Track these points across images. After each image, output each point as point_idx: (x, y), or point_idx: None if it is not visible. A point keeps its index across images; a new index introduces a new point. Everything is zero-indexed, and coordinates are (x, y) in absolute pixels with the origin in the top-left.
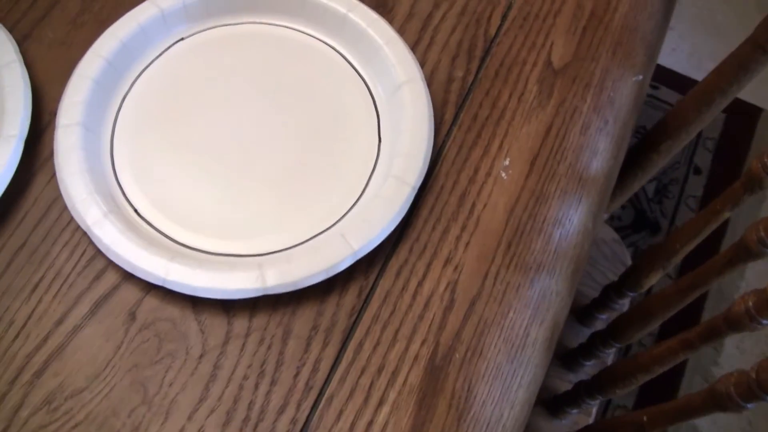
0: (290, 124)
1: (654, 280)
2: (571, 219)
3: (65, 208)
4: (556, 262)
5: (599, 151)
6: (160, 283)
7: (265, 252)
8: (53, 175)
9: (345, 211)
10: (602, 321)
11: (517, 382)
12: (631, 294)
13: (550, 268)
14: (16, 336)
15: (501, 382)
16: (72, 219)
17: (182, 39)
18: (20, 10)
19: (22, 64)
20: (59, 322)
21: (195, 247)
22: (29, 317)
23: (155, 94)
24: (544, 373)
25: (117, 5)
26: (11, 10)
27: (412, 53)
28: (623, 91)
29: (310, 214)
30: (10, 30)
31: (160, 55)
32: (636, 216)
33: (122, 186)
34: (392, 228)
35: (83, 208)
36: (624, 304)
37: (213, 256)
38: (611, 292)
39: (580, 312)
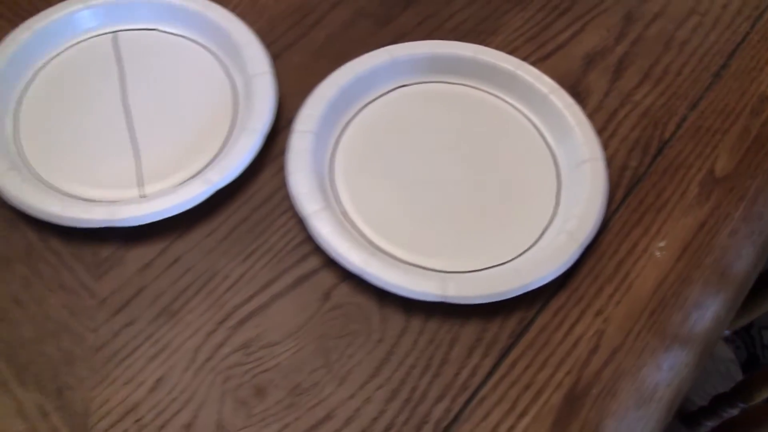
0: (481, 173)
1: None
2: (708, 305)
3: (286, 197)
4: (690, 338)
5: (742, 255)
6: (358, 273)
7: (447, 270)
8: (281, 169)
9: (520, 253)
10: (708, 428)
11: (640, 428)
12: (742, 405)
13: (683, 341)
14: (229, 288)
15: (626, 425)
16: (290, 207)
17: (403, 86)
18: (276, 34)
19: (273, 76)
20: (265, 286)
21: (388, 252)
22: (241, 277)
23: (373, 125)
24: (662, 430)
25: (354, 46)
26: (270, 32)
27: (597, 137)
28: None
29: (488, 251)
30: (267, 47)
31: (382, 96)
32: (748, 358)
33: (336, 190)
34: (558, 274)
35: (304, 201)
36: (732, 413)
37: (402, 263)
38: (721, 401)
39: (686, 417)
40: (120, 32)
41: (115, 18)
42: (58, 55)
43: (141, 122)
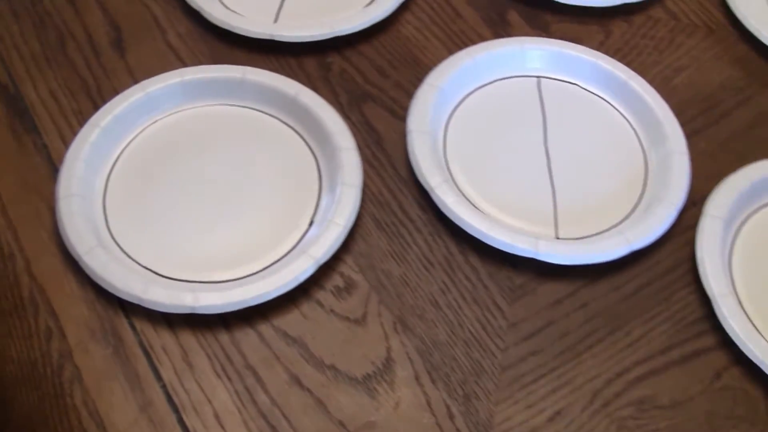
0: None
1: None
2: None
3: (688, 271)
4: None
5: None
6: (756, 361)
7: None
8: (686, 244)
9: None
10: None
11: None
12: None
13: None
14: (629, 345)
15: None
16: (691, 282)
17: None
18: (685, 117)
19: (689, 156)
20: (662, 351)
21: None
22: (642, 337)
23: None
24: None
25: (756, 147)
26: (680, 113)
27: None
28: None
29: None
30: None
31: None
32: None
33: (733, 276)
34: None
35: (714, 282)
36: None
37: None
38: None
39: None
40: (544, 78)
41: (544, 64)
42: (486, 85)
43: (559, 167)
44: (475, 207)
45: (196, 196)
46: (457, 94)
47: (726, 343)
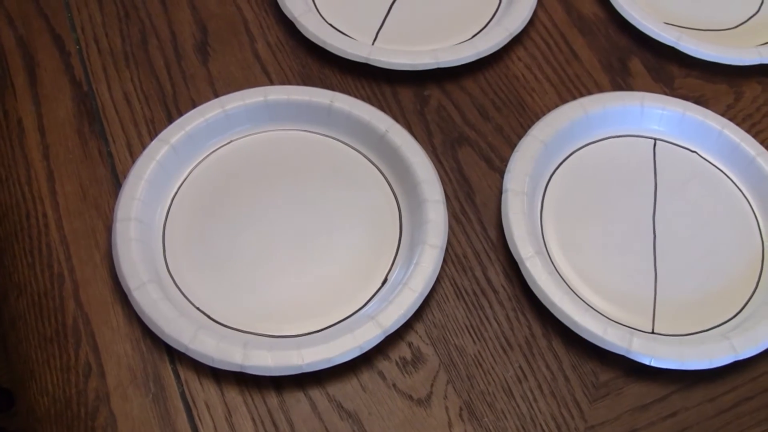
0: None
1: None
2: None
3: None
4: None
5: None
6: None
7: None
8: None
9: None
10: None
11: None
12: None
13: None
14: None
15: None
16: None
17: None
18: None
19: None
20: None
21: None
22: None
23: None
24: None
25: None
26: None
27: None
28: None
29: None
30: None
31: None
32: None
33: None
34: None
35: None
36: None
37: None
38: None
39: None
40: (660, 141)
41: (663, 126)
42: (596, 141)
43: (665, 248)
44: (567, 284)
45: (262, 236)
46: (563, 150)
47: None
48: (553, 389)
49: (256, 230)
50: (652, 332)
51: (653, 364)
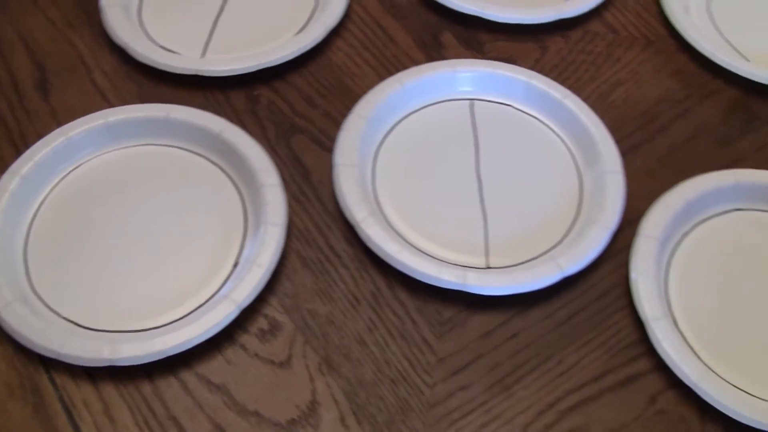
0: None
1: None
2: None
3: (623, 294)
4: None
5: None
6: (689, 385)
7: None
8: (620, 266)
9: None
10: None
11: None
12: None
13: None
14: (562, 373)
15: None
16: (626, 305)
17: (739, 210)
18: (622, 134)
19: (624, 175)
20: (596, 378)
21: (715, 370)
22: (575, 364)
23: (708, 241)
24: None
25: (694, 161)
26: (616, 131)
27: None
28: None
29: None
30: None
31: (719, 215)
32: None
33: (670, 299)
34: None
35: (646, 306)
36: None
37: (731, 386)
38: None
39: None
40: (477, 101)
41: (476, 86)
42: (417, 111)
43: (491, 193)
44: (404, 240)
45: (118, 242)
46: (387, 122)
47: (660, 367)
48: (402, 332)
49: (112, 239)
50: (487, 267)
51: (488, 293)
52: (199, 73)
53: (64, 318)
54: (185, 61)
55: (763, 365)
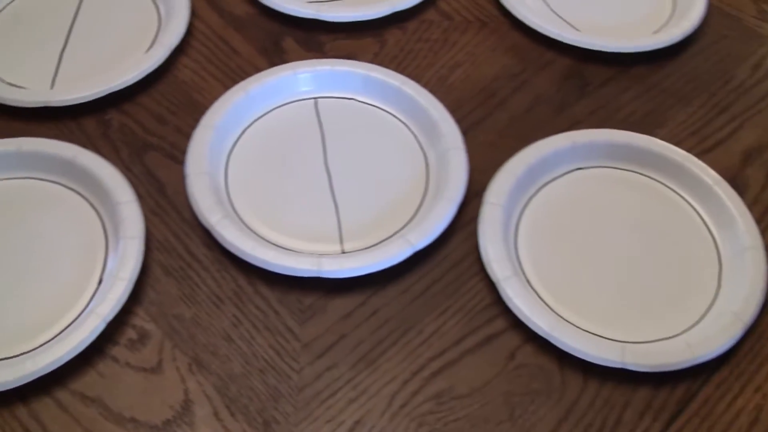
0: (651, 252)
1: None
2: None
3: (475, 261)
4: None
5: None
6: (544, 336)
7: (622, 339)
8: (470, 235)
9: (687, 328)
10: None
11: None
12: None
13: None
14: (423, 342)
15: None
16: (479, 271)
17: (580, 169)
18: (463, 112)
19: (465, 151)
20: (456, 342)
21: (567, 319)
22: (434, 332)
23: (553, 202)
24: None
25: (534, 129)
26: (457, 110)
27: (757, 227)
28: None
29: (659, 324)
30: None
31: (561, 176)
32: None
33: (520, 259)
34: (724, 350)
35: (496, 267)
36: None
37: (582, 330)
38: None
39: None
40: (321, 99)
41: (318, 85)
42: (264, 115)
43: (341, 183)
44: (260, 237)
45: None
46: (235, 129)
47: (516, 323)
48: (266, 324)
49: None
50: (342, 253)
51: (343, 276)
52: (49, 104)
53: None
54: (34, 94)
55: (609, 308)
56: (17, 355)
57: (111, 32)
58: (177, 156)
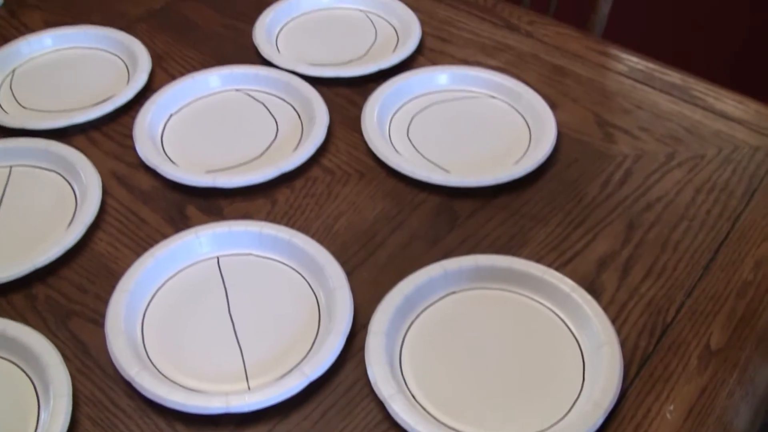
0: (519, 357)
1: None
2: None
3: (366, 384)
4: None
5: (740, 413)
6: None
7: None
8: (360, 362)
9: (556, 421)
10: None
11: None
12: None
13: None
14: None
15: None
16: (370, 392)
17: (453, 293)
18: (348, 254)
19: (349, 289)
20: None
21: (448, 424)
22: None
23: (431, 324)
24: None
25: (411, 262)
26: (343, 253)
27: (612, 325)
28: (763, 373)
29: (529, 420)
30: (342, 266)
31: (437, 301)
32: None
33: (405, 377)
34: None
35: (382, 387)
36: None
37: None
38: None
39: None
40: (222, 256)
41: (219, 245)
42: (173, 276)
43: (243, 328)
44: (175, 383)
45: None
46: (148, 291)
47: None
48: None
49: None
50: (248, 389)
51: (249, 410)
52: None
53: None
54: None
55: (488, 411)
56: None
57: (33, 213)
58: (98, 319)
